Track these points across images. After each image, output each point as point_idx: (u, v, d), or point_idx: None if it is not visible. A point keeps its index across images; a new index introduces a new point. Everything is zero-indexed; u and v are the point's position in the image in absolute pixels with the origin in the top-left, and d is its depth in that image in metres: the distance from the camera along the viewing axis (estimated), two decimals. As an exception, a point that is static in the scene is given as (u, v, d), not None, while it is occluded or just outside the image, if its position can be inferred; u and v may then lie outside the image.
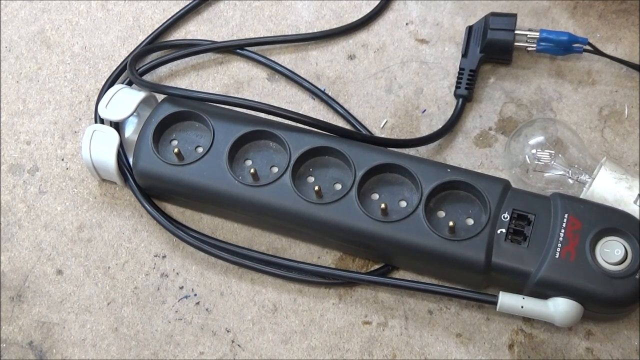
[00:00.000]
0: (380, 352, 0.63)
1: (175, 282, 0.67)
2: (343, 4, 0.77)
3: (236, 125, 0.66)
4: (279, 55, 0.75)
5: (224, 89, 0.74)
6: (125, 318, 0.65)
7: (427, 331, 0.64)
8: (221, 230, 0.68)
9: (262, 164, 0.65)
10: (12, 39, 0.77)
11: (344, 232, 0.63)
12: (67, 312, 0.66)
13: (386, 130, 0.71)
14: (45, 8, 0.79)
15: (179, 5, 0.77)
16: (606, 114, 0.71)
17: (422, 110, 0.72)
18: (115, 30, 0.77)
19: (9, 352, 0.65)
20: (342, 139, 0.65)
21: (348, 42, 0.76)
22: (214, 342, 0.64)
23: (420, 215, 0.61)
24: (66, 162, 0.72)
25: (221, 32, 0.77)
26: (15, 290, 0.67)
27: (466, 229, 0.61)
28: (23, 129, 0.73)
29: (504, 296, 0.60)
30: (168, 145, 0.67)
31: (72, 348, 0.65)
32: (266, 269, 0.66)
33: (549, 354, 0.62)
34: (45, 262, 0.68)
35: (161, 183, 0.66)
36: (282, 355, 0.64)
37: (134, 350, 0.64)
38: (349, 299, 0.65)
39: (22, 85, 0.75)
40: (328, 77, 0.74)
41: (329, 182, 0.64)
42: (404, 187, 0.64)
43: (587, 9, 0.75)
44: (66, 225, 0.69)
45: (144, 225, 0.69)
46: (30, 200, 0.70)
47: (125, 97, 0.68)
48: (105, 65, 0.76)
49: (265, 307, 0.65)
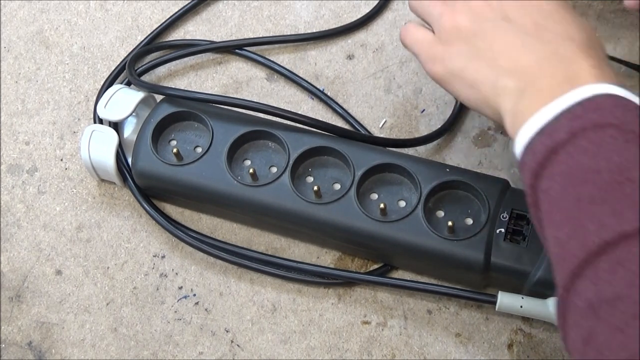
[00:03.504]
0: (379, 352, 0.63)
1: (175, 282, 0.67)
2: (342, 4, 0.77)
3: (235, 125, 0.66)
4: (278, 55, 0.75)
5: (223, 89, 0.74)
6: (125, 318, 0.65)
7: (427, 331, 0.64)
8: (220, 230, 0.68)
9: (261, 164, 0.65)
10: (10, 39, 0.77)
11: (343, 232, 0.63)
12: (66, 313, 0.66)
13: (385, 130, 0.71)
14: (44, 8, 0.79)
15: (177, 6, 0.77)
16: (605, 113, 0.71)
17: (421, 110, 0.72)
18: (114, 30, 0.77)
19: (8, 352, 0.65)
20: (341, 138, 0.65)
21: (347, 42, 0.76)
22: (213, 342, 0.64)
23: (419, 215, 0.61)
24: (65, 162, 0.72)
25: (220, 32, 0.77)
26: (14, 290, 0.67)
27: (465, 229, 0.61)
28: (22, 129, 0.73)
29: (503, 296, 0.60)
30: (167, 145, 0.67)
31: (72, 348, 0.65)
32: (265, 269, 0.66)
33: (548, 353, 0.62)
34: (44, 263, 0.68)
35: (160, 183, 0.66)
36: (281, 355, 0.64)
37: (133, 351, 0.64)
38: (348, 299, 0.65)
39: (21, 86, 0.75)
40: (327, 77, 0.74)
41: (328, 182, 0.64)
42: (403, 186, 0.64)
43: (585, 9, 0.75)
44: (65, 225, 0.69)
45: (143, 225, 0.69)
46: (29, 201, 0.70)
47: (124, 97, 0.68)
48: (104, 65, 0.76)
49: (265, 307, 0.65)
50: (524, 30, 0.53)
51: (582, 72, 0.50)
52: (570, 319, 0.44)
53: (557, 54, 0.51)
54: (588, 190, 0.45)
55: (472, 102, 0.56)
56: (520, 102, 0.51)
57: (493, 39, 0.54)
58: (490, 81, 0.53)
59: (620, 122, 0.46)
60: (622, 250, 0.43)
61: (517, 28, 0.53)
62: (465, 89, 0.55)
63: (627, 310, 0.41)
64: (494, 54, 0.53)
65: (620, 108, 0.47)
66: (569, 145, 0.46)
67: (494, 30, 0.54)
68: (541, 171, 0.48)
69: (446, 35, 0.56)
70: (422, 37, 0.59)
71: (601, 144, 0.46)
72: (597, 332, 0.42)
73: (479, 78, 0.54)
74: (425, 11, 0.59)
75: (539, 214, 0.49)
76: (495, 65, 0.53)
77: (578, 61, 0.50)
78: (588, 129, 0.46)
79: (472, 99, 0.55)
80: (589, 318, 0.43)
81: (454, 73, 0.56)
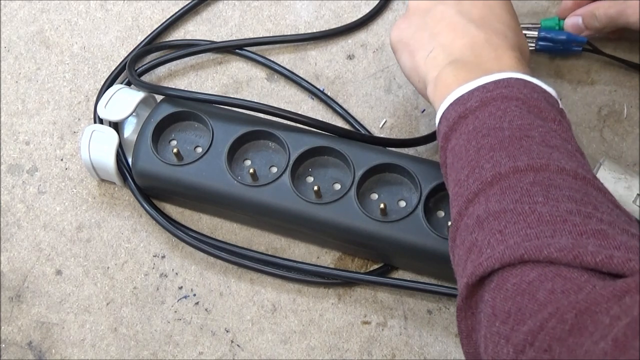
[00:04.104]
0: (379, 352, 0.63)
1: (175, 282, 0.67)
2: (342, 4, 0.77)
3: (235, 125, 0.66)
4: (278, 55, 0.75)
5: (223, 89, 0.74)
6: (125, 318, 0.65)
7: (427, 331, 0.64)
8: (220, 230, 0.68)
9: (261, 164, 0.65)
10: (11, 39, 0.77)
11: (343, 232, 0.63)
12: (67, 312, 0.66)
13: (385, 130, 0.71)
14: (45, 8, 0.79)
15: (178, 6, 0.77)
16: (605, 113, 0.71)
17: (421, 109, 0.72)
18: (114, 30, 0.77)
19: (8, 352, 0.65)
20: (341, 138, 0.65)
21: (347, 42, 0.76)
22: (213, 342, 0.64)
23: (420, 215, 0.61)
24: (65, 162, 0.72)
25: (220, 32, 0.77)
26: (15, 290, 0.67)
27: (465, 229, 0.61)
28: (22, 129, 0.73)
29: (503, 296, 0.60)
30: (167, 145, 0.67)
31: (72, 348, 0.65)
32: (265, 269, 0.66)
33: (548, 353, 0.62)
34: (44, 263, 0.68)
35: (160, 183, 0.66)
36: (281, 355, 0.64)
37: (133, 351, 0.64)
38: (348, 299, 0.65)
39: (21, 86, 0.75)
40: (327, 77, 0.74)
41: (328, 182, 0.64)
42: (403, 186, 0.64)
43: (586, 9, 0.75)
44: (65, 225, 0.69)
45: (143, 225, 0.69)
46: (29, 201, 0.70)
47: (124, 97, 0.68)
48: (104, 65, 0.76)
49: (265, 307, 0.65)
50: (469, 17, 0.59)
51: (504, 61, 0.56)
52: (458, 238, 0.49)
53: (489, 42, 0.57)
54: (489, 142, 0.50)
55: (407, 69, 0.61)
56: (444, 74, 0.56)
57: (442, 18, 0.60)
58: (426, 51, 0.59)
59: (526, 98, 0.52)
60: (513, 179, 0.47)
61: (464, 14, 0.59)
62: (405, 55, 0.61)
63: (510, 219, 0.45)
64: (437, 29, 0.59)
65: (528, 88, 0.53)
66: (478, 111, 0.52)
67: (444, 11, 0.60)
68: (450, 133, 0.53)
69: (409, 11, 0.63)
70: (396, 21, 0.65)
71: (506, 110, 0.52)
72: (479, 239, 0.46)
73: (418, 47, 0.60)
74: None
75: (446, 170, 0.54)
76: (435, 39, 0.59)
77: (504, 52, 0.56)
78: (497, 99, 0.52)
79: (407, 66, 0.61)
80: (475, 230, 0.47)
81: (403, 41, 0.62)
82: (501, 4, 0.61)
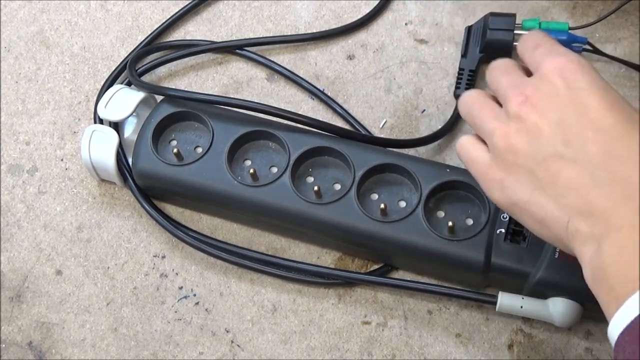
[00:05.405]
0: (379, 352, 0.63)
1: (175, 283, 0.67)
2: (342, 4, 0.77)
3: (235, 125, 0.66)
4: (278, 55, 0.75)
5: (223, 89, 0.74)
6: (125, 318, 0.65)
7: (427, 331, 0.64)
8: (220, 230, 0.68)
9: (262, 164, 0.65)
10: (11, 39, 0.77)
11: (343, 232, 0.63)
12: (67, 313, 0.66)
13: (385, 131, 0.71)
14: (45, 8, 0.79)
15: (178, 6, 0.77)
16: (605, 113, 0.71)
17: (421, 110, 0.72)
18: (115, 30, 0.77)
19: (8, 352, 0.65)
20: (342, 139, 0.65)
21: (347, 42, 0.76)
22: (214, 342, 0.64)
23: (420, 215, 0.61)
24: (65, 162, 0.72)
25: (220, 32, 0.77)
26: (15, 290, 0.67)
27: (465, 229, 0.61)
28: (22, 129, 0.73)
29: (503, 296, 0.60)
30: (167, 145, 0.67)
31: (72, 348, 0.65)
32: (265, 269, 0.66)
33: (548, 354, 0.62)
34: (44, 263, 0.68)
35: (160, 183, 0.66)
36: (281, 355, 0.64)
37: (134, 351, 0.64)
38: (348, 299, 0.65)
39: (21, 86, 0.75)
40: (327, 77, 0.74)
41: (328, 182, 0.64)
42: (403, 187, 0.64)
43: (586, 9, 0.75)
44: (65, 225, 0.69)
45: (144, 225, 0.69)
46: (29, 201, 0.70)
47: (124, 97, 0.68)
48: (105, 65, 0.76)
49: (265, 307, 0.65)
50: (589, 160, 0.45)
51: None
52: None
53: (634, 190, 0.43)
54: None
55: (545, 238, 0.50)
56: (601, 256, 0.43)
57: (556, 171, 0.46)
58: (561, 222, 0.46)
59: None
60: None
61: (581, 157, 0.45)
62: (533, 224, 0.49)
63: None
64: (559, 190, 0.46)
65: None
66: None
67: (555, 160, 0.46)
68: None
69: (502, 157, 0.49)
70: (477, 157, 0.52)
71: None
72: None
73: (547, 216, 0.47)
74: (477, 126, 0.53)
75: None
76: (564, 204, 0.46)
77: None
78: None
79: (544, 236, 0.49)
80: None
81: (518, 205, 0.49)
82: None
